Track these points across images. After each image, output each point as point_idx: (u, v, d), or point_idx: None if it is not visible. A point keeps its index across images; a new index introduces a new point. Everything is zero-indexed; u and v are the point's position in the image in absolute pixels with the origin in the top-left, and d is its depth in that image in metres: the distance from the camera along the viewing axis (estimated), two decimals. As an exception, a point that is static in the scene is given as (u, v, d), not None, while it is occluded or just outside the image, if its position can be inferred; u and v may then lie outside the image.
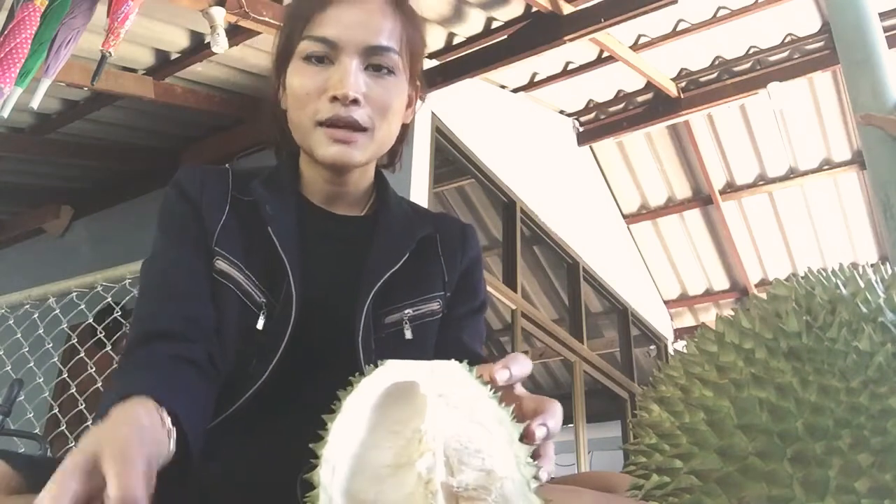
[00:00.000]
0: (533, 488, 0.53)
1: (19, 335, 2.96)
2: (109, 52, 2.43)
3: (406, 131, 1.03)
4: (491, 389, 0.59)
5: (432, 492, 0.53)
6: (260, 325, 0.89)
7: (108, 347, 2.66)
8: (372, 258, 0.96)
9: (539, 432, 0.58)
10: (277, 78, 1.00)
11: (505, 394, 0.62)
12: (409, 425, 0.57)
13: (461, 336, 1.03)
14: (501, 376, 0.61)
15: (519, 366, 0.64)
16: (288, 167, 1.04)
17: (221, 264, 0.92)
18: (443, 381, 0.59)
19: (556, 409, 0.63)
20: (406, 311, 0.97)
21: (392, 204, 1.05)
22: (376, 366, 0.60)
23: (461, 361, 0.63)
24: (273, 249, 0.91)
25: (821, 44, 4.62)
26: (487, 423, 0.56)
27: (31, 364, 2.90)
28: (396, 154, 1.07)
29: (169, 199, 0.98)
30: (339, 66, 0.91)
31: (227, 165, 1.05)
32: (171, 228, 0.96)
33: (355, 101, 0.90)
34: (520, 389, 0.67)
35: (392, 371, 0.59)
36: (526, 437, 0.56)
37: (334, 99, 0.90)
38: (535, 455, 0.59)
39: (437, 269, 1.03)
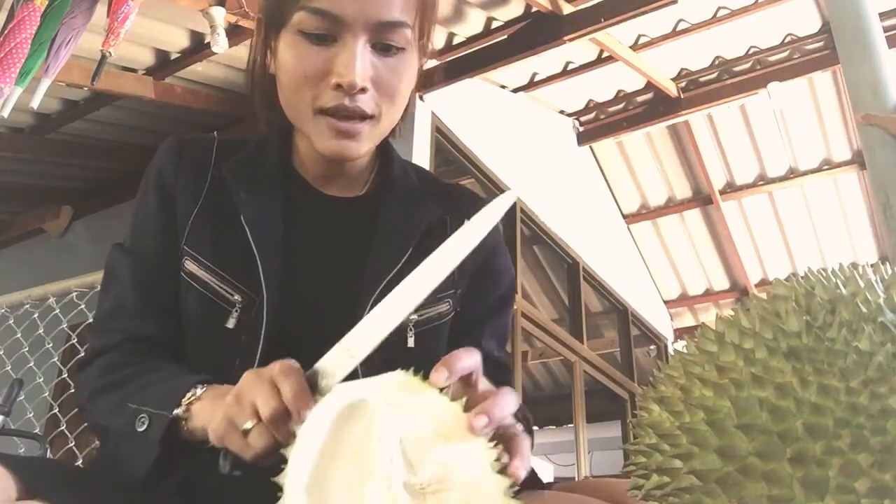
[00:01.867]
0: (497, 469, 0.55)
1: (19, 335, 2.96)
2: (109, 52, 2.43)
3: (412, 100, 0.91)
4: (441, 389, 0.59)
5: (396, 494, 0.54)
6: (230, 324, 0.82)
7: (108, 347, 2.66)
8: (373, 252, 0.87)
9: (478, 422, 0.56)
10: (264, 41, 0.87)
11: (462, 388, 0.62)
12: (367, 440, 0.57)
13: (480, 341, 0.92)
14: (438, 379, 0.58)
15: (460, 362, 0.60)
16: (278, 139, 0.94)
17: (190, 265, 0.85)
18: (390, 390, 0.59)
19: (499, 398, 0.59)
20: (412, 317, 0.85)
21: (396, 178, 0.94)
22: (312, 388, 0.62)
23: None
24: (247, 239, 0.83)
25: (821, 44, 4.62)
26: (440, 419, 0.57)
27: (31, 364, 2.90)
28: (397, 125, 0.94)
29: (145, 191, 0.91)
30: (342, 46, 0.79)
31: (214, 134, 0.96)
32: (141, 232, 0.90)
33: (362, 90, 0.79)
34: (483, 385, 0.64)
35: (341, 394, 0.60)
36: (469, 431, 0.56)
37: (338, 86, 0.78)
38: (511, 454, 0.59)
39: None
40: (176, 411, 0.72)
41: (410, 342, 0.85)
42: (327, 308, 0.85)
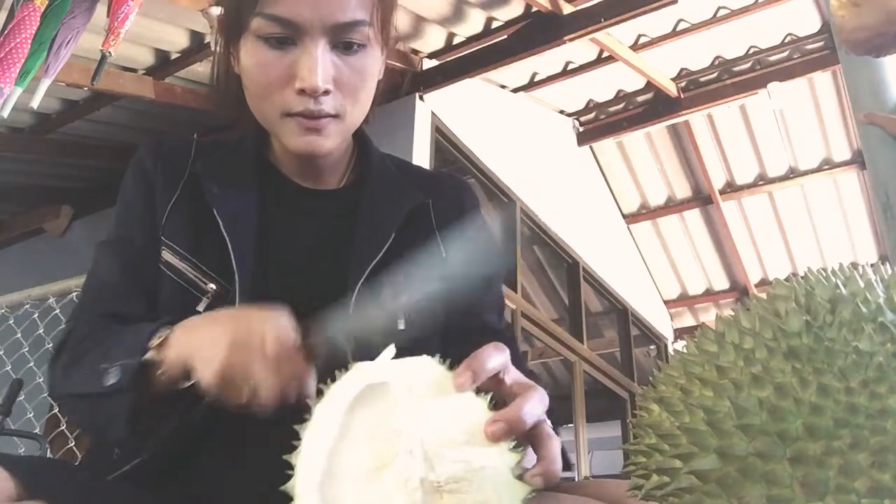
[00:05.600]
0: (516, 474, 0.53)
1: (19, 335, 2.96)
2: (109, 52, 2.43)
3: (378, 87, 0.91)
4: None
5: (412, 489, 0.53)
6: (201, 307, 0.82)
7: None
8: (356, 240, 0.88)
9: (494, 429, 0.54)
10: (226, 46, 0.89)
11: (493, 384, 0.60)
12: (384, 426, 0.56)
13: (480, 312, 0.94)
14: (463, 384, 0.56)
15: (486, 364, 0.58)
16: (254, 136, 0.95)
17: (167, 255, 0.86)
18: (415, 377, 0.58)
19: (524, 402, 0.57)
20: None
21: (375, 169, 0.95)
22: (346, 369, 0.59)
23: (481, 342, 0.61)
24: (220, 231, 0.85)
25: (821, 44, 4.62)
26: (464, 414, 0.56)
27: (31, 364, 2.91)
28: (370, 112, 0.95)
29: (126, 182, 0.93)
30: (303, 50, 0.80)
31: (193, 135, 0.97)
32: (124, 221, 0.92)
33: (326, 91, 0.81)
34: (511, 376, 0.62)
35: (362, 373, 0.58)
36: (485, 436, 0.54)
37: (302, 91, 0.80)
38: (537, 456, 0.58)
39: (431, 241, 0.92)
40: (147, 355, 0.72)
41: (401, 325, 0.86)
42: (310, 296, 0.85)
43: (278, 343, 0.64)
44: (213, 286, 0.84)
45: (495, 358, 0.59)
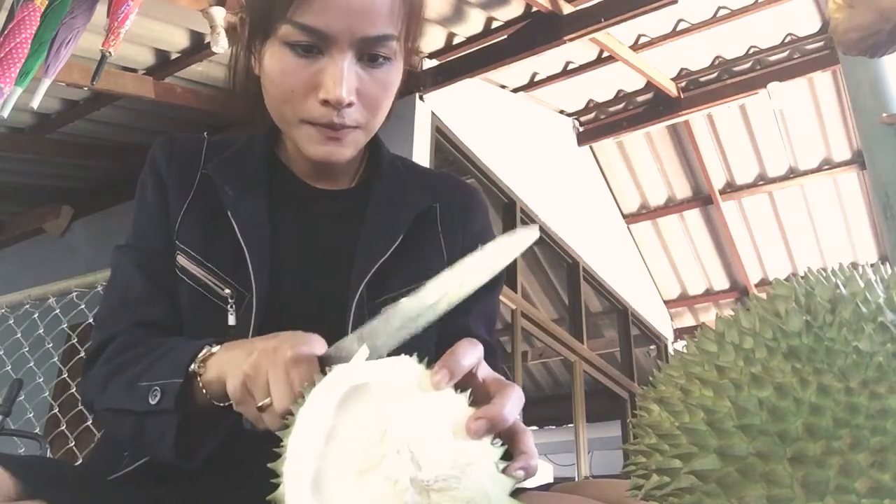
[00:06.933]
0: (500, 469, 0.54)
1: (19, 335, 2.96)
2: (109, 52, 2.43)
3: (412, 100, 0.93)
4: None
5: (402, 490, 0.53)
6: (231, 321, 0.82)
7: (108, 347, 2.66)
8: (362, 241, 0.88)
9: (476, 426, 0.55)
10: (248, 45, 0.88)
11: (465, 378, 0.61)
12: (369, 427, 0.56)
13: (467, 321, 0.93)
14: (439, 382, 0.58)
15: (462, 361, 0.60)
16: (266, 136, 0.95)
17: (182, 260, 0.86)
18: (396, 377, 0.58)
19: (504, 400, 0.59)
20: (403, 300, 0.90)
21: (385, 170, 0.96)
22: (324, 372, 0.59)
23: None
24: (236, 235, 0.85)
25: (821, 44, 4.62)
26: (446, 411, 0.56)
27: (31, 364, 2.91)
28: None
29: (142, 183, 0.93)
30: (329, 60, 0.80)
31: (204, 134, 0.97)
32: (141, 225, 0.91)
33: (349, 104, 0.81)
34: (483, 372, 0.64)
35: (342, 376, 0.58)
36: (467, 433, 0.56)
37: (326, 102, 0.80)
38: (514, 452, 0.59)
39: (435, 245, 0.93)
40: (192, 367, 0.73)
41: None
42: (318, 300, 0.86)
43: (293, 350, 0.64)
44: (229, 291, 0.84)
45: (470, 355, 0.61)
